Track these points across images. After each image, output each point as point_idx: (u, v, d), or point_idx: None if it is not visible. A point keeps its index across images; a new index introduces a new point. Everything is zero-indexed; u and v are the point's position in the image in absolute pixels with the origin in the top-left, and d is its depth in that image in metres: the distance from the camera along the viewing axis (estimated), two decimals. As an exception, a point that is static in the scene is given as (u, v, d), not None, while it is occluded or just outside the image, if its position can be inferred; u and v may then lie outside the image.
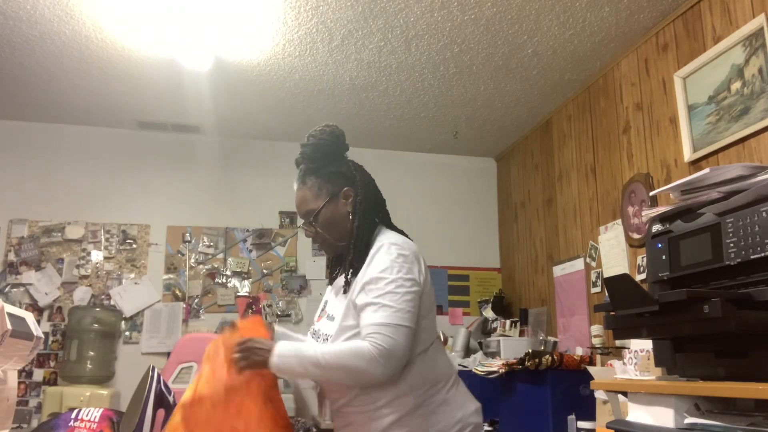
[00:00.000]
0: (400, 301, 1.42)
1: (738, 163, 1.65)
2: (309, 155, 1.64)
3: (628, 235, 3.05)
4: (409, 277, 1.47)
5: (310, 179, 1.61)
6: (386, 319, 1.39)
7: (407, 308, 1.42)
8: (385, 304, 1.41)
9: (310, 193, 1.60)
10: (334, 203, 1.60)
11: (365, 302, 1.44)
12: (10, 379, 1.39)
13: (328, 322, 1.58)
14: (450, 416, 1.47)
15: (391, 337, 1.38)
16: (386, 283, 1.44)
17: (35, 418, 3.79)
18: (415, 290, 1.46)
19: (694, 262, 1.60)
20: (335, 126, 1.67)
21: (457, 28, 3.03)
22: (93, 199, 4.21)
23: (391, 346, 1.37)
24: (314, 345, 1.51)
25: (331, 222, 1.60)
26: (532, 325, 3.92)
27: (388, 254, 1.49)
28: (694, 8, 2.70)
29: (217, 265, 4.30)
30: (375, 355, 1.36)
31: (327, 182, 1.61)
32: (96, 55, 3.31)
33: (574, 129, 3.70)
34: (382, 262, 1.47)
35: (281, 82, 3.61)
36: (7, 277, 4.00)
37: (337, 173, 1.63)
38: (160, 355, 4.02)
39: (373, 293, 1.43)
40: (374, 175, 1.74)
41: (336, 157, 1.66)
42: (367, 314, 1.43)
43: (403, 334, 1.40)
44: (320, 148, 1.64)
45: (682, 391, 1.47)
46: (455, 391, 1.53)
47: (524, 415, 2.75)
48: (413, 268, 1.50)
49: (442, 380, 1.51)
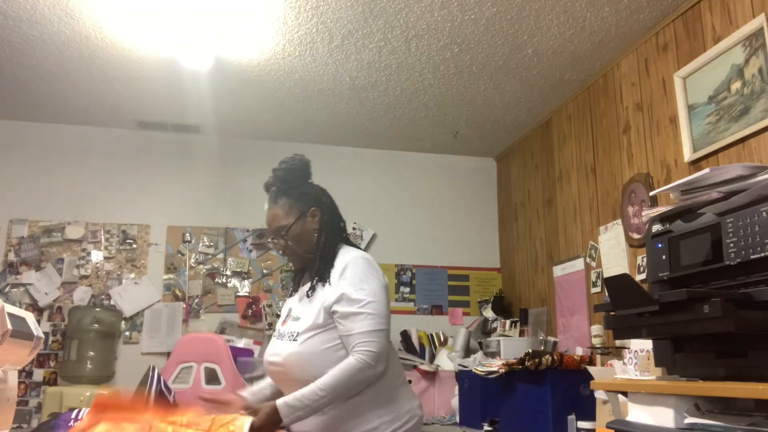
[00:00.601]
0: (379, 308, 1.67)
1: (738, 163, 1.64)
2: (281, 178, 1.85)
3: (628, 235, 3.05)
4: (382, 284, 1.73)
5: (282, 199, 1.84)
6: (372, 327, 1.64)
7: (385, 313, 1.69)
8: (370, 313, 1.65)
9: (281, 211, 1.83)
10: (303, 220, 1.82)
11: (350, 311, 1.66)
12: (10, 379, 1.39)
13: (293, 322, 1.79)
14: (401, 407, 1.72)
15: (377, 341, 1.64)
16: (365, 294, 1.67)
17: (35, 418, 3.79)
18: (386, 295, 1.72)
19: (694, 262, 1.60)
20: (302, 155, 1.90)
21: (457, 28, 3.03)
22: (93, 199, 4.21)
23: (378, 349, 1.63)
24: (306, 389, 1.61)
25: (300, 236, 1.82)
26: (532, 325, 3.92)
27: (361, 267, 1.72)
28: (694, 8, 2.70)
29: (217, 265, 4.30)
30: (367, 361, 1.61)
31: (297, 202, 1.83)
32: (96, 55, 3.31)
33: (574, 129, 3.71)
34: (355, 274, 1.70)
35: (281, 82, 3.61)
36: (7, 277, 4.00)
37: (306, 194, 1.85)
38: (160, 355, 4.02)
39: (357, 304, 1.66)
40: (374, 175, 1.87)
41: (304, 180, 1.89)
42: (354, 323, 1.65)
43: (386, 335, 1.67)
44: (291, 173, 1.85)
45: (682, 391, 1.47)
46: (405, 386, 1.79)
47: (524, 415, 2.75)
48: (380, 275, 1.75)
49: (395, 377, 1.76)
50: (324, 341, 1.69)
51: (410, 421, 1.72)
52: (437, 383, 3.73)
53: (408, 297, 4.49)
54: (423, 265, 4.55)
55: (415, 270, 4.54)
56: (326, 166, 4.69)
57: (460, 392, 3.47)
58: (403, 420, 1.70)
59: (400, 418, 1.70)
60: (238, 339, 4.03)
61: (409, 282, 4.51)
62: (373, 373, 1.62)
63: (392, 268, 4.50)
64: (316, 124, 4.19)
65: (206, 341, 3.44)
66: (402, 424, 1.70)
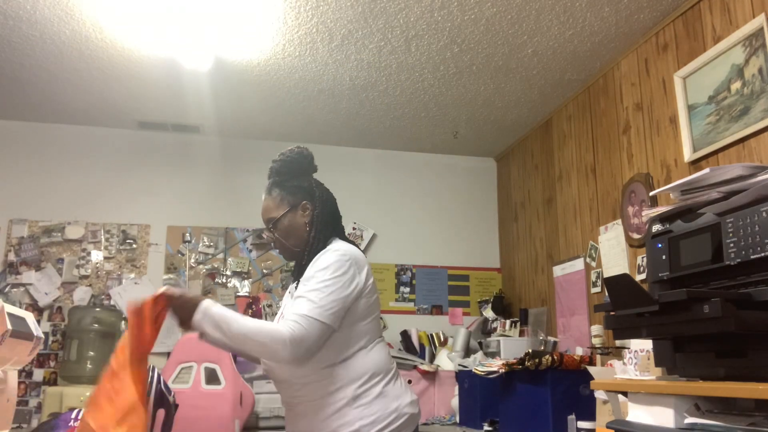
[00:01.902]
0: (324, 299, 1.60)
1: (738, 163, 1.64)
2: (276, 170, 1.84)
3: (628, 235, 3.05)
4: (343, 280, 1.64)
5: (275, 191, 1.82)
6: (306, 312, 1.57)
7: (328, 307, 1.60)
8: (311, 299, 1.60)
9: (272, 203, 1.81)
10: (293, 213, 1.80)
11: (297, 295, 1.64)
12: (10, 379, 1.39)
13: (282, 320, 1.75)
14: (385, 407, 1.65)
15: (305, 327, 1.55)
16: (317, 282, 1.62)
17: (35, 418, 3.79)
18: (343, 294, 1.63)
19: (694, 262, 1.60)
20: (305, 148, 1.86)
21: (457, 28, 3.03)
22: (93, 199, 4.21)
23: (301, 336, 1.54)
24: (239, 315, 1.60)
25: (289, 230, 1.79)
26: (532, 325, 3.92)
27: (327, 258, 1.68)
28: (694, 8, 2.70)
29: (217, 265, 4.30)
30: (286, 339, 1.53)
31: (288, 194, 1.81)
32: (96, 55, 3.31)
33: (574, 129, 3.71)
34: (320, 263, 1.67)
35: (281, 82, 3.61)
36: (7, 277, 4.00)
37: (299, 187, 1.82)
38: (160, 355, 4.02)
39: (305, 288, 1.63)
40: (374, 175, 1.83)
41: (300, 173, 1.84)
42: (295, 305, 1.62)
43: (317, 328, 1.57)
44: (286, 164, 1.83)
45: (682, 391, 1.47)
46: (392, 385, 1.71)
47: (524, 415, 2.75)
48: (350, 271, 1.67)
49: (380, 374, 1.69)
50: None
51: (397, 420, 1.65)
52: (437, 383, 3.73)
53: (408, 297, 4.49)
54: (423, 265, 4.55)
55: (415, 270, 4.54)
56: (326, 166, 4.69)
57: (460, 392, 3.48)
58: (387, 420, 1.64)
59: (384, 418, 1.64)
60: (238, 339, 4.03)
61: (409, 282, 4.51)
62: (284, 353, 1.53)
63: (392, 268, 4.50)
64: (316, 124, 4.19)
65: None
66: (387, 424, 1.64)
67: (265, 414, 3.33)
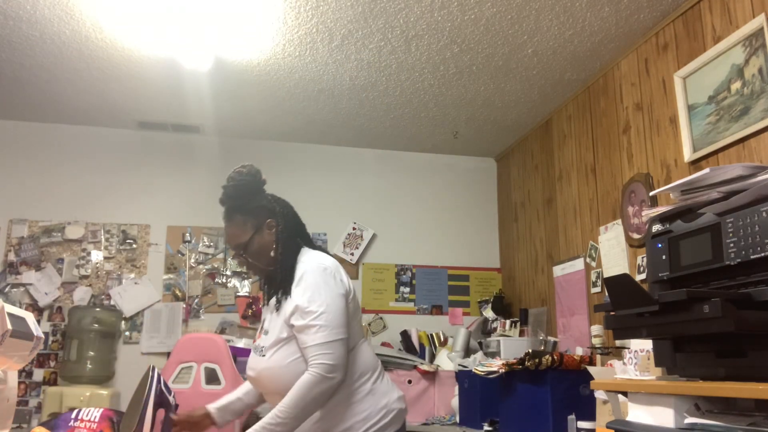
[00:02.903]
0: (331, 319, 1.65)
1: (738, 163, 1.64)
2: (231, 195, 1.84)
3: (628, 235, 3.05)
4: (336, 292, 1.70)
5: (236, 216, 1.82)
6: (324, 339, 1.63)
7: (339, 322, 1.67)
8: (322, 325, 1.64)
9: (237, 229, 1.81)
10: (260, 234, 1.81)
11: (303, 324, 1.66)
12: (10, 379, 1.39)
13: (265, 336, 1.80)
14: (375, 404, 1.72)
15: (331, 352, 1.63)
16: (318, 305, 1.66)
17: (35, 418, 3.79)
18: (342, 304, 1.70)
19: (694, 262, 1.60)
20: (251, 165, 1.87)
21: (457, 28, 3.03)
22: (93, 199, 4.21)
23: (333, 360, 1.63)
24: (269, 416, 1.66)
25: (259, 251, 1.81)
26: (532, 325, 3.92)
27: (314, 277, 1.70)
28: (694, 8, 2.70)
29: (217, 265, 4.30)
30: (322, 374, 1.61)
31: (251, 216, 1.82)
32: (96, 55, 3.31)
33: (574, 129, 3.71)
34: (311, 286, 1.69)
35: (281, 82, 3.61)
36: (7, 277, 4.00)
37: (259, 207, 1.83)
38: (160, 355, 4.02)
39: (310, 316, 1.65)
40: (374, 175, 1.82)
41: (256, 193, 1.86)
42: (308, 336, 1.65)
43: (340, 346, 1.65)
44: (241, 188, 1.83)
45: (682, 391, 1.47)
46: (380, 382, 1.78)
47: (524, 415, 2.75)
48: (335, 280, 1.73)
49: (368, 372, 1.76)
50: (288, 354, 1.71)
51: (386, 416, 1.73)
52: (437, 383, 3.73)
53: (408, 297, 4.49)
54: (423, 265, 4.55)
55: (415, 270, 4.54)
56: (326, 166, 4.72)
57: (460, 392, 3.48)
58: (378, 416, 1.71)
59: (374, 415, 1.71)
60: (238, 339, 4.03)
61: (409, 282, 4.51)
62: (330, 384, 1.63)
63: (392, 268, 4.50)
64: (316, 124, 4.19)
65: (206, 341, 3.43)
66: (377, 420, 1.71)
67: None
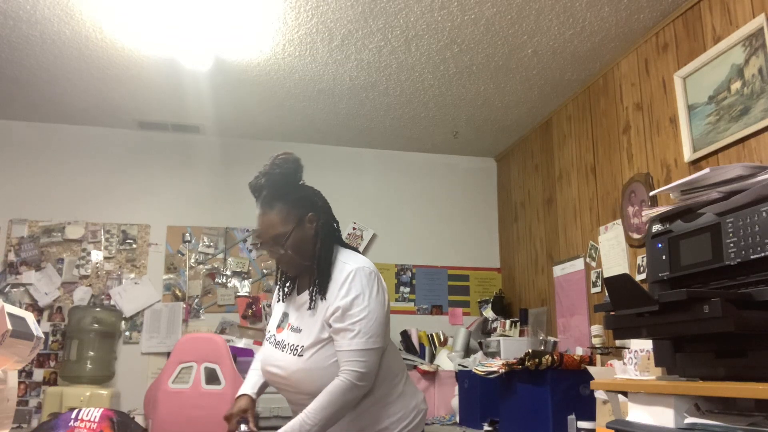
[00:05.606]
0: (371, 328, 1.63)
1: (738, 163, 1.64)
2: (275, 182, 1.73)
3: (628, 235, 3.05)
4: (378, 299, 1.68)
5: (278, 205, 1.71)
6: (361, 346, 1.62)
7: (379, 331, 1.65)
8: (360, 331, 1.62)
9: (277, 218, 1.71)
10: (301, 227, 1.73)
11: (342, 327, 1.64)
12: (10, 379, 1.39)
13: (293, 333, 1.74)
14: (407, 405, 1.75)
15: (365, 360, 1.62)
16: (360, 310, 1.64)
17: (35, 418, 3.79)
18: (384, 313, 1.68)
19: (694, 262, 1.60)
20: (292, 153, 1.76)
21: (457, 28, 3.03)
22: (93, 199, 4.21)
23: (365, 369, 1.62)
24: (295, 421, 1.62)
25: (300, 245, 1.73)
26: (532, 325, 3.92)
27: (360, 281, 1.67)
28: (694, 8, 2.70)
29: (217, 265, 4.30)
30: (352, 381, 1.60)
31: (294, 208, 1.72)
32: (96, 55, 3.31)
33: (574, 129, 3.71)
34: (356, 289, 1.66)
35: (281, 82, 3.61)
36: (7, 277, 4.00)
37: (303, 198, 1.75)
38: (160, 355, 4.02)
39: (350, 319, 1.63)
40: (374, 175, 1.81)
41: (298, 182, 1.78)
42: (344, 340, 1.63)
43: (374, 355, 1.64)
44: (289, 176, 1.74)
45: (682, 391, 1.47)
46: (408, 384, 1.81)
47: (524, 415, 2.75)
48: (380, 288, 1.70)
49: (399, 374, 1.78)
50: (329, 355, 1.66)
51: (417, 416, 1.77)
52: (437, 383, 3.73)
53: (408, 297, 4.49)
54: (423, 265, 4.55)
55: (415, 270, 4.54)
56: (326, 166, 4.72)
57: (460, 392, 3.47)
58: (411, 416, 1.75)
59: (408, 415, 1.74)
60: (238, 339, 4.03)
61: (409, 282, 4.51)
62: (358, 393, 1.62)
63: (392, 268, 4.49)
64: (316, 124, 4.19)
65: (206, 341, 3.43)
66: (410, 420, 1.74)
67: (265, 414, 3.33)
